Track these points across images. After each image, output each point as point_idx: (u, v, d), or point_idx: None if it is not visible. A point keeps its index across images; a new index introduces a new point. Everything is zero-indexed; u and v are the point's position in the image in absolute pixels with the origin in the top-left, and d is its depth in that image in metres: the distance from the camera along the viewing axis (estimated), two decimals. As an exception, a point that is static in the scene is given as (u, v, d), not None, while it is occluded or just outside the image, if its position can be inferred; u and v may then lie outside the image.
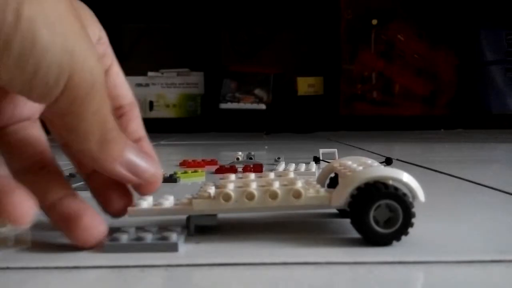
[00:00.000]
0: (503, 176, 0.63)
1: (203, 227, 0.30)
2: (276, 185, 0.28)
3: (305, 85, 2.11)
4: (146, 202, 0.30)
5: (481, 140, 1.35)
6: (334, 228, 0.32)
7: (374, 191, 0.27)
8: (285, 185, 0.29)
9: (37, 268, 0.24)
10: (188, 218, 0.30)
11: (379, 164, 0.33)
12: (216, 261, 0.25)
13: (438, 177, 0.59)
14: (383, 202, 0.27)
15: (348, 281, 0.23)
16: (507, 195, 0.44)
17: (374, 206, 0.26)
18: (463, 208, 0.40)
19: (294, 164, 0.62)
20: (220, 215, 0.30)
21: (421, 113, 2.13)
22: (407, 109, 2.13)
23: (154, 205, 0.30)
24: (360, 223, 0.27)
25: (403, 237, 0.27)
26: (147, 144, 0.31)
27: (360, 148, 1.05)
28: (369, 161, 0.34)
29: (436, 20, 2.12)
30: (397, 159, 0.75)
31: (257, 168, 0.63)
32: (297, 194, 0.28)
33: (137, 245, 0.27)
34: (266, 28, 2.25)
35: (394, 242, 0.27)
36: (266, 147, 1.14)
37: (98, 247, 0.27)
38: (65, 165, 0.32)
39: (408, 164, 0.71)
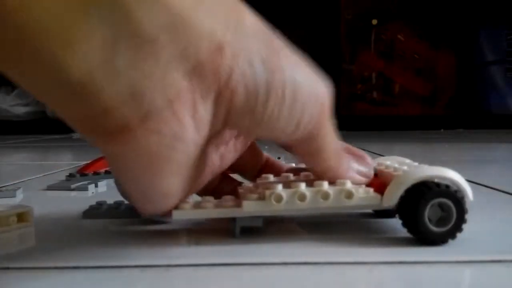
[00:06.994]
0: (503, 176, 0.63)
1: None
2: (325, 185, 0.28)
3: (305, 85, 2.10)
4: (189, 204, 0.28)
5: (481, 140, 1.35)
6: (338, 228, 0.32)
7: (426, 190, 0.27)
8: (333, 185, 0.28)
9: (37, 268, 0.24)
10: (233, 219, 0.28)
11: (418, 164, 0.32)
12: (216, 261, 0.25)
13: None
14: (436, 201, 0.27)
15: (349, 280, 0.23)
16: (507, 195, 0.44)
17: (429, 205, 0.26)
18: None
19: (294, 164, 0.62)
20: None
21: (421, 113, 2.13)
22: (407, 109, 2.13)
23: (198, 206, 0.28)
24: (415, 223, 0.27)
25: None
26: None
27: (360, 148, 1.04)
28: (407, 160, 0.33)
29: (436, 20, 2.12)
30: (397, 159, 0.75)
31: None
32: (349, 195, 0.28)
33: (112, 212, 0.34)
34: (266, 28, 2.25)
35: (396, 243, 0.27)
36: (266, 147, 1.13)
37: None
38: (66, 165, 0.32)
39: (408, 164, 0.71)
